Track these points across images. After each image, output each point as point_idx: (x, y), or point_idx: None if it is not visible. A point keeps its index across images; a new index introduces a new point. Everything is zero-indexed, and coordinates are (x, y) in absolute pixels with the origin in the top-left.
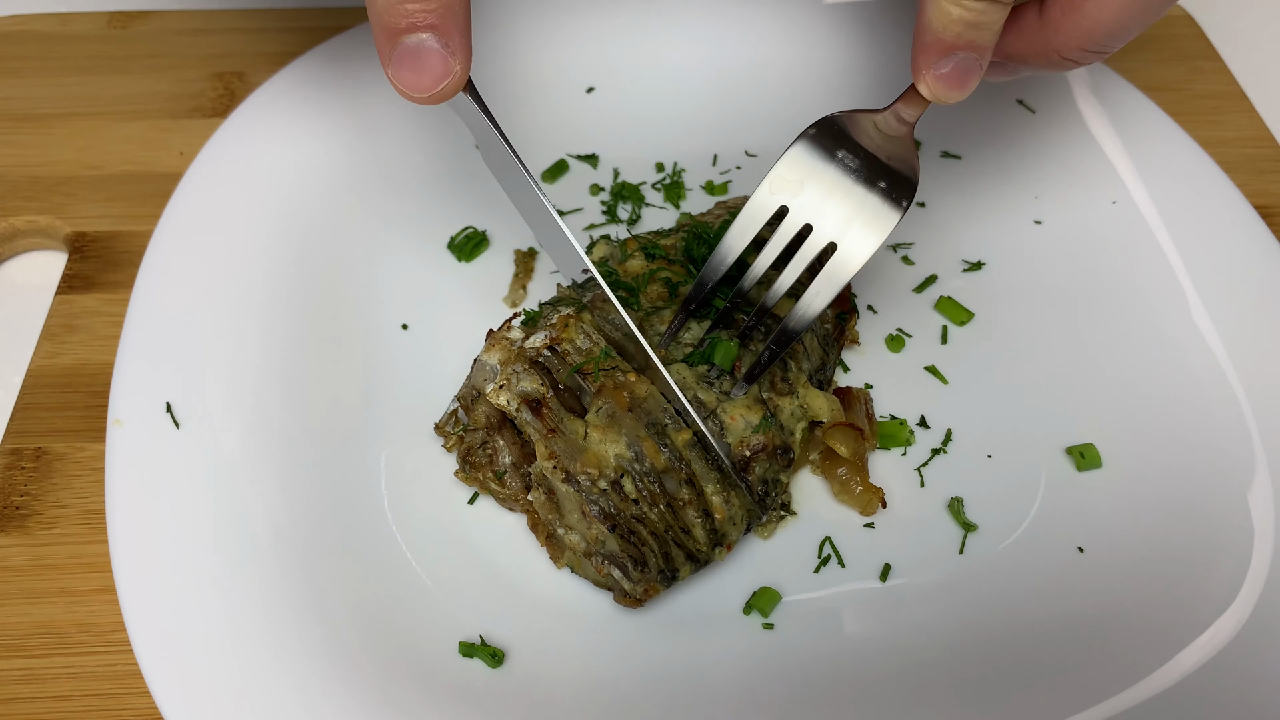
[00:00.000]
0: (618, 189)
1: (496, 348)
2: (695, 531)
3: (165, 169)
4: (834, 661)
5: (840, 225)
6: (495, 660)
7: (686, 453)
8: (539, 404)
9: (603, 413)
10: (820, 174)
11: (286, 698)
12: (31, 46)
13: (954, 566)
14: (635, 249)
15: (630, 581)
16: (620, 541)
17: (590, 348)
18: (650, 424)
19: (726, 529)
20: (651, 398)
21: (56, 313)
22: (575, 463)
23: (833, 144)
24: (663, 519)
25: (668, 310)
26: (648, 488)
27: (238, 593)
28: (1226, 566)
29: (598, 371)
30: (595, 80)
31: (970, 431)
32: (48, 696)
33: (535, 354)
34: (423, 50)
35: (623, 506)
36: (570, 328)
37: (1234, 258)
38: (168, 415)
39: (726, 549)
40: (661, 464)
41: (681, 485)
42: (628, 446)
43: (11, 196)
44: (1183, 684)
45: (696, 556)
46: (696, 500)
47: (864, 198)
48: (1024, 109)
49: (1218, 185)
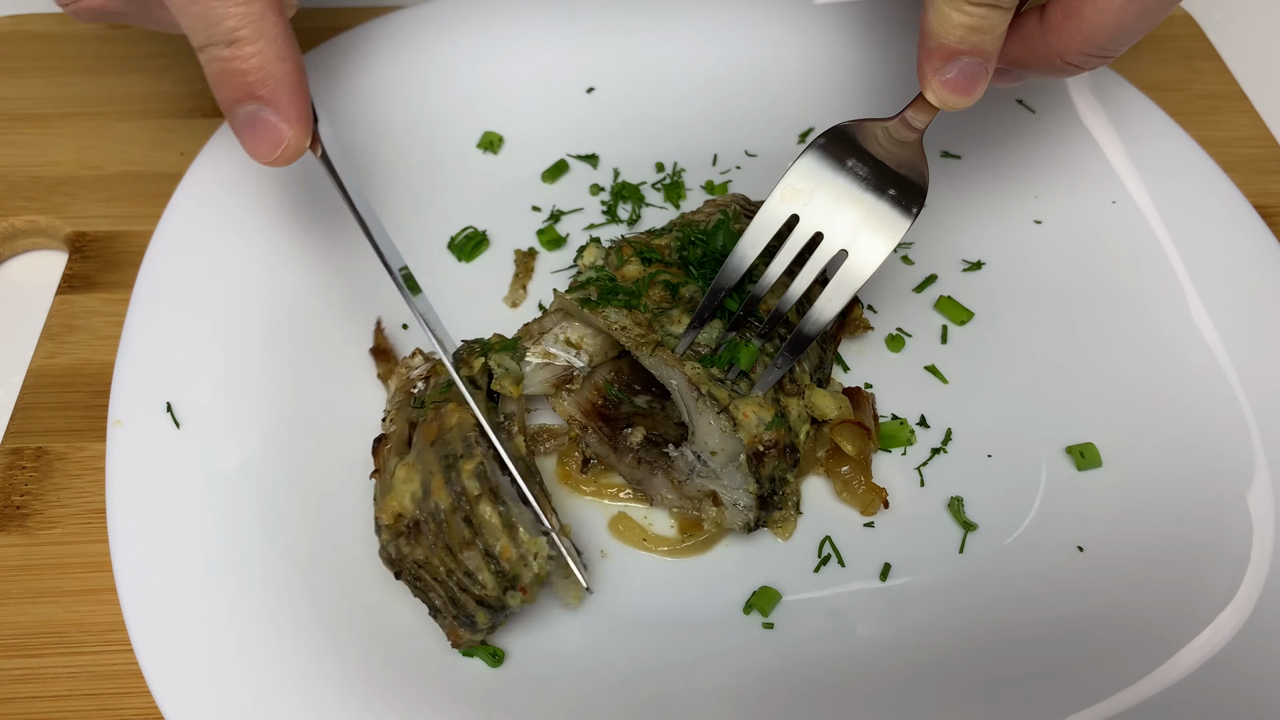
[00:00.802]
0: (618, 189)
1: (395, 377)
2: (480, 575)
3: (165, 169)
4: (834, 661)
5: (850, 232)
6: (495, 660)
7: (469, 483)
8: (378, 442)
9: (413, 451)
10: (830, 182)
11: (286, 697)
12: (31, 46)
13: (954, 566)
14: (631, 254)
15: (440, 626)
16: (412, 588)
17: (442, 383)
18: (445, 456)
19: (518, 570)
20: (460, 426)
21: (57, 312)
22: (377, 506)
23: (842, 152)
24: (444, 564)
25: (675, 310)
26: (432, 529)
27: (238, 592)
28: (1226, 566)
29: (428, 406)
30: (595, 80)
31: (970, 431)
32: (48, 696)
33: (410, 385)
34: (257, 120)
35: (408, 551)
36: (442, 366)
37: (1234, 258)
38: (168, 415)
39: (522, 593)
40: (446, 502)
41: (462, 524)
42: (421, 485)
43: (12, 196)
44: (1182, 684)
45: (488, 604)
46: (476, 540)
47: (874, 205)
48: (1024, 109)
49: (1218, 185)
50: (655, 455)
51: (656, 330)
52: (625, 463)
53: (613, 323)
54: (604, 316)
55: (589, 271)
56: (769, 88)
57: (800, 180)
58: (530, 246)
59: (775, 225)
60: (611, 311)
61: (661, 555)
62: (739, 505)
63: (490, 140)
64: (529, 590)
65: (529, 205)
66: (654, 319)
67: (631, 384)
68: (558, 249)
